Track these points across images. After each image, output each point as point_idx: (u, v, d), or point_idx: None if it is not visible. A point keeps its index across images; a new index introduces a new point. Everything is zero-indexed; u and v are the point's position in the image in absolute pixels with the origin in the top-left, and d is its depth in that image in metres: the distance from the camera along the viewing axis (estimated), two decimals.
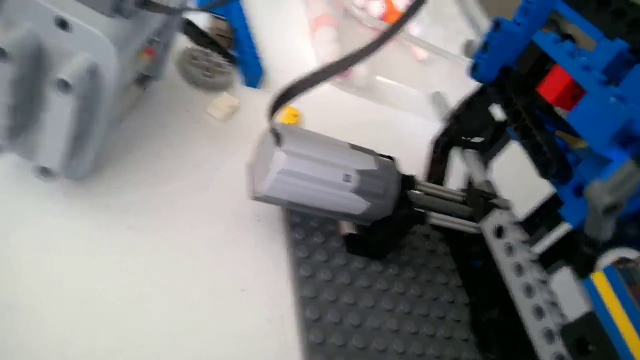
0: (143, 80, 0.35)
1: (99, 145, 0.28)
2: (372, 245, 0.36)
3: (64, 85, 0.23)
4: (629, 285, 0.23)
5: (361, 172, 0.32)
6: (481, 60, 0.36)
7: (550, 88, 0.30)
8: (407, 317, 0.34)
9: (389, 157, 0.36)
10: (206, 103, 0.41)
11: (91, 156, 0.28)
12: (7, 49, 0.23)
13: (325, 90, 0.51)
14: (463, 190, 0.39)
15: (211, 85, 0.42)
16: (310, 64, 0.52)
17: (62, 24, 0.24)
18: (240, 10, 0.50)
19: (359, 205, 0.33)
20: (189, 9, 0.29)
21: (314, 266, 0.33)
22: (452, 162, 0.43)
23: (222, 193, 0.35)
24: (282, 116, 0.44)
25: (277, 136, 0.30)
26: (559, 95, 0.29)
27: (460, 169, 0.42)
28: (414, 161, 0.43)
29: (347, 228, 0.37)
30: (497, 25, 0.35)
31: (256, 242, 0.34)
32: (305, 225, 0.35)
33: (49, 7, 0.24)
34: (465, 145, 0.43)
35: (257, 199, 0.31)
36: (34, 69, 0.25)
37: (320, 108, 0.48)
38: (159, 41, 0.33)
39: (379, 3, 0.64)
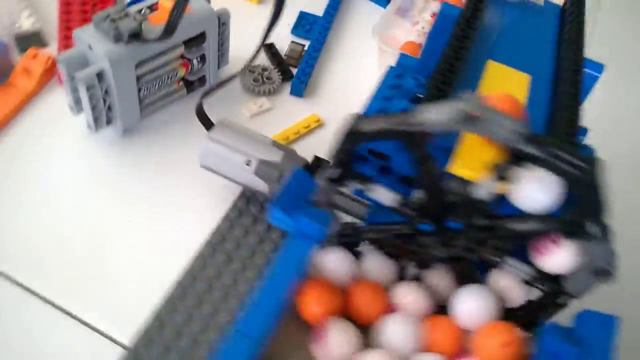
0: (189, 83, 0.54)
1: (125, 117, 0.49)
2: None
3: (78, 80, 0.44)
4: None
5: (261, 161, 0.44)
6: None
7: None
8: None
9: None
10: (247, 104, 0.57)
11: (119, 123, 0.49)
12: (62, 60, 0.44)
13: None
14: None
15: (256, 91, 0.57)
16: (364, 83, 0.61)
17: (90, 47, 0.44)
18: (321, 37, 0.64)
19: (262, 186, 0.44)
20: (164, 38, 0.46)
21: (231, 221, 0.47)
22: None
23: None
24: (303, 120, 0.56)
25: (205, 124, 0.45)
26: None
27: None
28: None
29: None
30: None
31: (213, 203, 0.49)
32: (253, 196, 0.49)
33: (85, 38, 0.44)
34: None
35: (202, 167, 0.47)
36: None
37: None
38: (190, 59, 0.51)
39: None
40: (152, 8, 0.48)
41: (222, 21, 0.51)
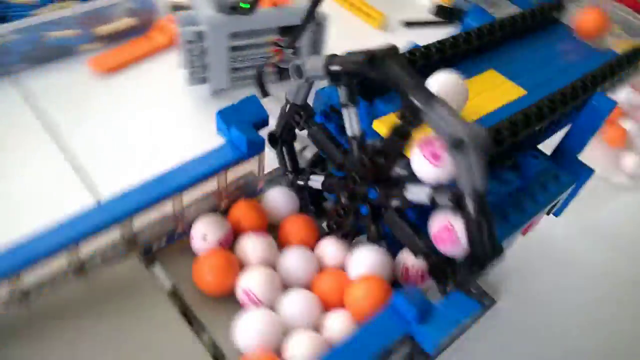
0: (281, 70, 0.61)
1: (215, 78, 0.58)
2: None
3: (182, 34, 0.54)
4: None
5: None
6: None
7: None
8: None
9: None
10: None
11: (213, 82, 0.58)
12: (178, 17, 0.55)
13: None
14: None
15: None
16: None
17: (197, 13, 0.55)
18: None
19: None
20: (247, 13, 0.54)
21: None
22: None
23: None
24: None
25: (263, 93, 0.51)
26: None
27: None
28: None
29: None
30: None
31: None
32: None
33: (198, 3, 0.55)
34: None
35: None
36: None
37: None
38: (283, 46, 0.59)
39: None
40: None
41: (317, 22, 0.58)
